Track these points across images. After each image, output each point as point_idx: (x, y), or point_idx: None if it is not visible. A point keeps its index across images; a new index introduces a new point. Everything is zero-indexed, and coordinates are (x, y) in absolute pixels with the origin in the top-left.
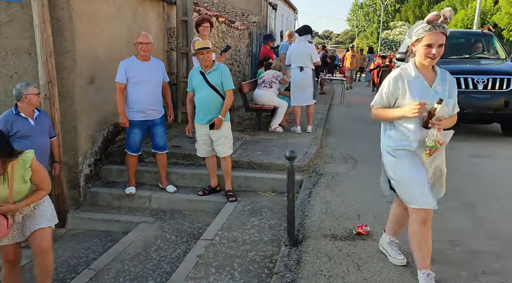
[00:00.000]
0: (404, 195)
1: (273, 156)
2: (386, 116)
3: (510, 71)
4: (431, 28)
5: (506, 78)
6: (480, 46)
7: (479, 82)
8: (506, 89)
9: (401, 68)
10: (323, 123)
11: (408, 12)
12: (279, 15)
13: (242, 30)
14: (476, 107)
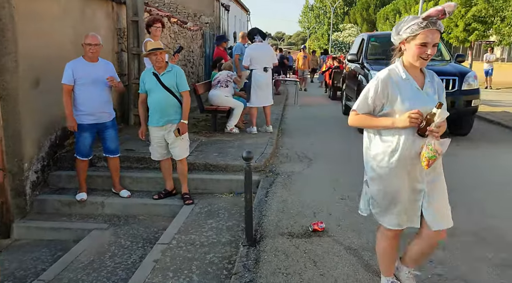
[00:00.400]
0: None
1: (229, 157)
2: (370, 125)
3: (455, 72)
4: (427, 24)
5: (451, 78)
6: None
7: None
8: (452, 89)
9: (388, 69)
10: (278, 123)
11: (356, 14)
12: (232, 16)
13: (195, 31)
14: None
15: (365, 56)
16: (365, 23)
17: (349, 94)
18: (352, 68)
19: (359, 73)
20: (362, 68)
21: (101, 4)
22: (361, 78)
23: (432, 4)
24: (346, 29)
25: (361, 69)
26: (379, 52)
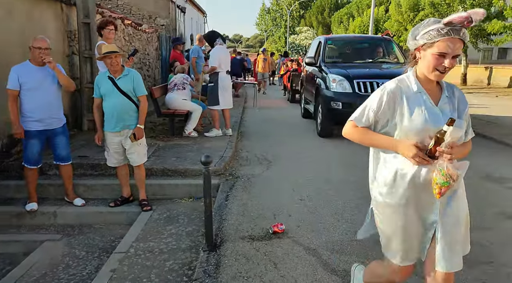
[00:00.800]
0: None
1: (188, 161)
2: (369, 142)
3: None
4: (449, 31)
5: None
6: (381, 51)
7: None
8: None
9: (398, 79)
10: (237, 126)
11: (312, 17)
12: (188, 18)
13: (150, 33)
14: None
15: (322, 59)
16: (321, 26)
17: (307, 97)
18: (310, 71)
19: (317, 76)
20: (320, 71)
21: (49, 6)
22: (319, 81)
23: (383, 8)
24: (302, 32)
25: (319, 72)
26: (336, 55)
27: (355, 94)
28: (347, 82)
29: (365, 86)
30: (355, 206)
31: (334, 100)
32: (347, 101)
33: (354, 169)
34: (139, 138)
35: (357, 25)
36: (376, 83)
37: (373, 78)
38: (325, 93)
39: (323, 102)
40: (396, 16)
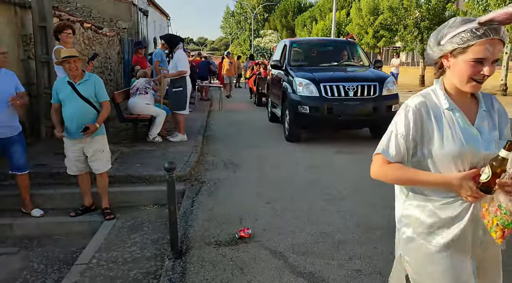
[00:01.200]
0: None
1: (152, 167)
2: (411, 182)
3: (375, 78)
4: (486, 32)
5: (372, 84)
6: (346, 54)
7: (350, 89)
8: (373, 95)
9: (423, 94)
10: (203, 130)
11: (276, 21)
12: (151, 21)
13: (112, 36)
14: (350, 114)
15: (288, 63)
16: (285, 29)
17: (274, 101)
18: (276, 74)
19: (283, 80)
20: (287, 75)
21: (0, 9)
22: (285, 85)
23: (345, 12)
24: (267, 35)
25: (285, 76)
26: (302, 58)
27: (322, 98)
28: (314, 85)
29: (332, 89)
30: (320, 208)
31: (301, 104)
32: (314, 105)
33: (320, 171)
34: (89, 133)
35: (320, 28)
36: (342, 86)
37: (340, 82)
38: (291, 97)
39: (290, 106)
40: (357, 19)
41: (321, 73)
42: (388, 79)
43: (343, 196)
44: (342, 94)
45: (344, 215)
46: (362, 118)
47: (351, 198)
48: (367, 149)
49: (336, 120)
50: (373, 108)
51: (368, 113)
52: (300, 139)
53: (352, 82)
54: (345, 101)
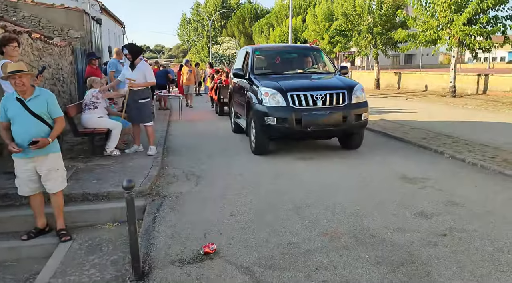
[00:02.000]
0: None
1: (110, 183)
2: None
3: (344, 85)
4: None
5: (341, 92)
6: (310, 60)
7: (318, 98)
8: (342, 104)
9: None
10: (163, 141)
11: (233, 27)
12: (105, 30)
13: (63, 46)
14: (319, 124)
15: (251, 71)
16: (243, 36)
17: (238, 111)
18: (238, 83)
19: (247, 89)
20: (250, 84)
21: None
22: (250, 95)
23: (301, 19)
24: (225, 42)
25: (249, 85)
26: (265, 65)
27: (289, 108)
28: (280, 95)
29: (299, 99)
30: (285, 217)
31: (268, 115)
32: (282, 116)
33: (284, 180)
34: (38, 147)
35: (277, 34)
36: (310, 95)
37: (307, 90)
38: (257, 108)
39: (256, 117)
40: (312, 26)
41: (287, 81)
42: (357, 86)
43: (308, 204)
44: (311, 104)
45: (309, 224)
46: (331, 128)
47: (315, 206)
48: (332, 156)
49: (305, 131)
50: (343, 117)
51: (337, 122)
52: (267, 151)
53: (320, 91)
54: (313, 110)
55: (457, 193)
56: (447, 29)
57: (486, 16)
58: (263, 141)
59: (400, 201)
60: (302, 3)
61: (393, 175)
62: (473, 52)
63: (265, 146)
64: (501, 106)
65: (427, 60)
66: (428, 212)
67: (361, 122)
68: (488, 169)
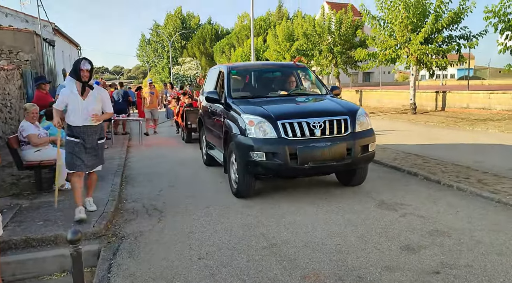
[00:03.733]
0: None
1: (59, 224)
2: None
3: (344, 110)
4: None
5: (342, 119)
6: (294, 80)
7: (316, 126)
8: (345, 133)
9: None
10: (121, 169)
11: (194, 48)
12: (59, 51)
13: (11, 70)
14: (318, 159)
15: (228, 94)
16: (204, 56)
17: (212, 141)
18: (212, 108)
19: (224, 116)
20: (228, 110)
21: None
22: (228, 123)
23: (261, 39)
24: (186, 63)
25: (226, 111)
26: (244, 87)
27: (281, 140)
28: (269, 124)
29: (293, 128)
30: (260, 258)
31: (254, 149)
32: (273, 150)
33: (256, 213)
34: None
35: (239, 54)
36: (306, 123)
37: (302, 117)
38: (240, 141)
39: (238, 152)
40: (274, 45)
41: (274, 106)
42: (360, 111)
43: (284, 240)
44: (307, 134)
45: (287, 265)
46: (334, 163)
47: (292, 243)
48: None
49: (301, 168)
50: (347, 150)
51: (341, 156)
52: (251, 193)
53: (317, 117)
54: (311, 142)
55: (440, 220)
56: (405, 48)
57: (441, 36)
58: (248, 181)
59: (383, 232)
60: (262, 24)
61: (370, 201)
62: (430, 70)
63: (250, 187)
64: (461, 122)
65: (384, 78)
66: (414, 244)
67: (368, 154)
68: (465, 191)
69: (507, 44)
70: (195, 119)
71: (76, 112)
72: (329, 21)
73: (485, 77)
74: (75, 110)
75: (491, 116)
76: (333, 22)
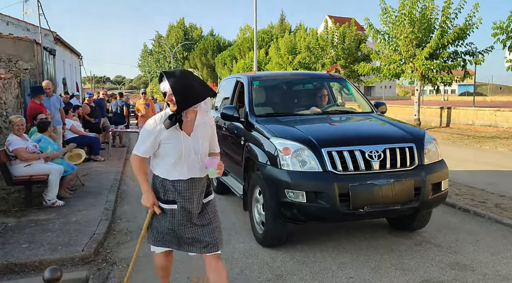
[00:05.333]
0: None
1: (46, 247)
2: None
3: (407, 135)
4: None
5: (407, 147)
6: (326, 94)
7: (374, 156)
8: (411, 165)
9: None
10: (117, 185)
11: (196, 59)
12: (60, 61)
13: (8, 78)
14: (379, 202)
15: (251, 111)
16: (205, 68)
17: (226, 167)
18: (227, 126)
19: (245, 139)
20: (250, 130)
21: None
22: (251, 148)
23: (263, 51)
24: None
25: (248, 133)
26: (269, 102)
27: (328, 175)
28: (310, 152)
29: (343, 158)
30: None
31: (291, 187)
32: (317, 189)
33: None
34: None
35: (240, 66)
36: (360, 152)
37: (353, 144)
38: (270, 174)
39: (268, 189)
40: (276, 58)
41: (313, 127)
42: (427, 136)
43: (288, 271)
44: (362, 167)
45: None
46: (397, 207)
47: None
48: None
49: (354, 213)
50: (415, 189)
51: (407, 198)
52: (282, 242)
53: (374, 145)
54: (368, 178)
55: (460, 250)
56: (410, 63)
57: (446, 51)
58: (280, 228)
59: (399, 264)
60: (264, 36)
61: (381, 227)
62: (435, 85)
63: (281, 235)
64: (467, 139)
65: (385, 93)
66: (435, 280)
67: (440, 195)
68: (483, 216)
69: None
70: None
71: (177, 158)
72: (333, 34)
73: (486, 93)
74: (175, 154)
75: (498, 134)
76: (337, 35)
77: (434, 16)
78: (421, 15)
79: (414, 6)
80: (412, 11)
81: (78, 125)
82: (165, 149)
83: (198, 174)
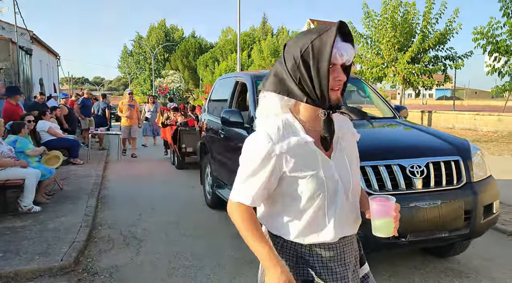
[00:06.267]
0: None
1: (22, 256)
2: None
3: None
4: None
5: (452, 160)
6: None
7: (416, 172)
8: (457, 183)
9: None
10: (97, 189)
11: (177, 61)
12: (36, 61)
13: None
14: (424, 229)
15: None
16: (187, 70)
17: (224, 179)
18: (227, 133)
19: None
20: None
21: None
22: None
23: (246, 54)
24: (169, 75)
25: None
26: None
27: None
28: None
29: (379, 174)
30: None
31: None
32: None
33: None
34: None
35: (223, 68)
36: (399, 167)
37: (390, 157)
38: None
39: None
40: (259, 60)
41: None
42: (472, 147)
43: None
44: (402, 185)
45: None
46: (444, 235)
47: None
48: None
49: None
50: (465, 213)
51: (457, 223)
52: None
53: (415, 158)
54: (412, 200)
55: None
56: (392, 67)
57: (427, 56)
58: None
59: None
60: (246, 39)
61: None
62: (416, 89)
63: None
64: None
65: None
66: None
67: (492, 218)
68: None
69: (495, 66)
70: (193, 142)
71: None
72: None
73: (463, 98)
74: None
75: (478, 138)
76: None
77: (415, 20)
78: (402, 19)
79: (396, 11)
80: (394, 15)
81: (56, 127)
82: (294, 187)
83: (352, 230)
